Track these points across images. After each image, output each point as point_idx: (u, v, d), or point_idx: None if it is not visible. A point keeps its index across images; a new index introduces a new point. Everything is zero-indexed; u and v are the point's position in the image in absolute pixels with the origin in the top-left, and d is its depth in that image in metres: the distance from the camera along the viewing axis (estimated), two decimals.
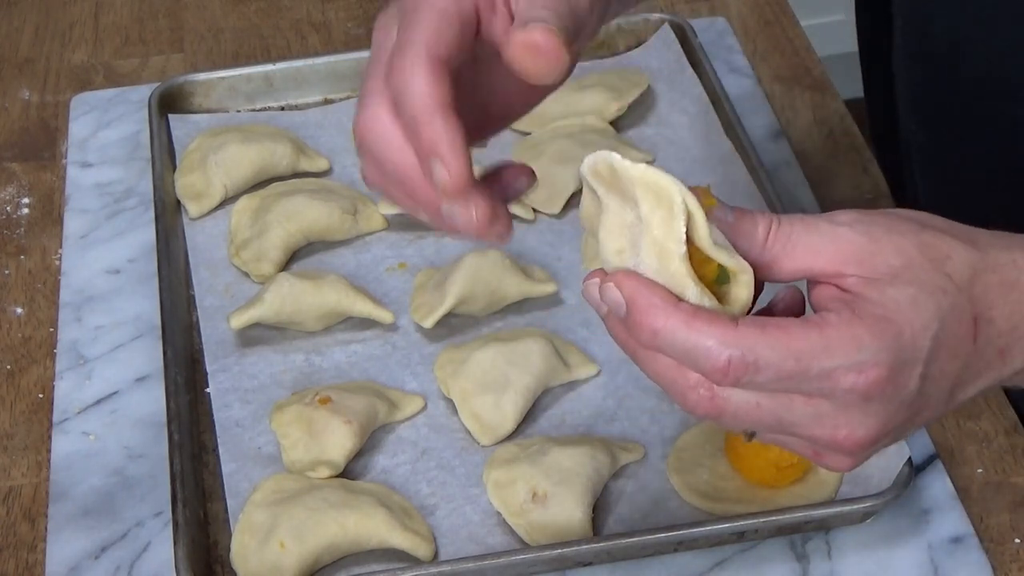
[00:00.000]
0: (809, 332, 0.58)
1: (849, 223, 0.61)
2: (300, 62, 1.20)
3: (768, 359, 0.58)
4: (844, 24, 2.37)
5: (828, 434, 0.61)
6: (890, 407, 0.61)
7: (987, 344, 0.62)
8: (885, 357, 0.59)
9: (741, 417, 0.60)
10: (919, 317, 0.60)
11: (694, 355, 0.58)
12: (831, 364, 0.58)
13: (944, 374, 0.62)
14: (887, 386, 0.60)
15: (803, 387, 0.59)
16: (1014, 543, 0.87)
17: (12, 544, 0.89)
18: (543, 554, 0.83)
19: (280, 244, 1.03)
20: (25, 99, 1.25)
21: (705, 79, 1.15)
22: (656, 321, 0.58)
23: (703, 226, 0.59)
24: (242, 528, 0.85)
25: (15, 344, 1.02)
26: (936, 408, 0.63)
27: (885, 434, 0.62)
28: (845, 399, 0.60)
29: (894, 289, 0.60)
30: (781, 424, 0.61)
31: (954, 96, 0.97)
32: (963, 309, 0.61)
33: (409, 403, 0.94)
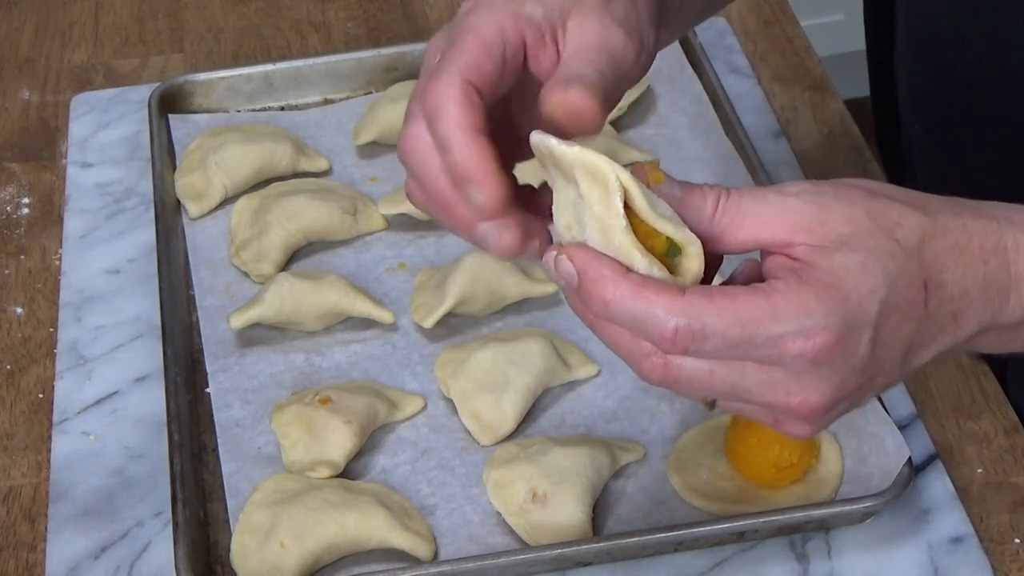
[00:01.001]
0: (756, 299, 0.59)
1: (798, 193, 0.62)
2: (300, 62, 1.20)
3: (714, 326, 0.59)
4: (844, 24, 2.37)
5: (782, 401, 0.61)
6: (842, 372, 0.61)
7: (939, 308, 0.63)
8: (833, 322, 0.60)
9: (695, 385, 0.61)
10: (867, 282, 0.60)
11: (643, 324, 0.59)
12: (778, 330, 0.59)
13: (896, 339, 0.62)
14: (836, 351, 0.60)
15: (752, 354, 0.60)
16: (1014, 543, 0.87)
17: (12, 544, 0.89)
18: (543, 554, 0.83)
19: (280, 244, 1.03)
20: (25, 99, 1.25)
21: (705, 79, 1.15)
22: (606, 291, 0.59)
23: (640, 199, 0.60)
24: (242, 528, 0.85)
25: (15, 344, 1.02)
26: (891, 374, 0.63)
27: (840, 400, 0.62)
28: (795, 365, 0.60)
29: (842, 255, 0.60)
30: (735, 391, 0.61)
31: (956, 95, 0.97)
32: (912, 273, 0.62)
33: (409, 403, 0.94)
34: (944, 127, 1.00)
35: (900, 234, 0.62)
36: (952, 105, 0.98)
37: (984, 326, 0.64)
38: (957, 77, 0.96)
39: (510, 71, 0.67)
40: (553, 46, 0.67)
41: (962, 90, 0.96)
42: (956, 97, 0.97)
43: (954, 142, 1.00)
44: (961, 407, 0.95)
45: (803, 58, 1.25)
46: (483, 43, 0.65)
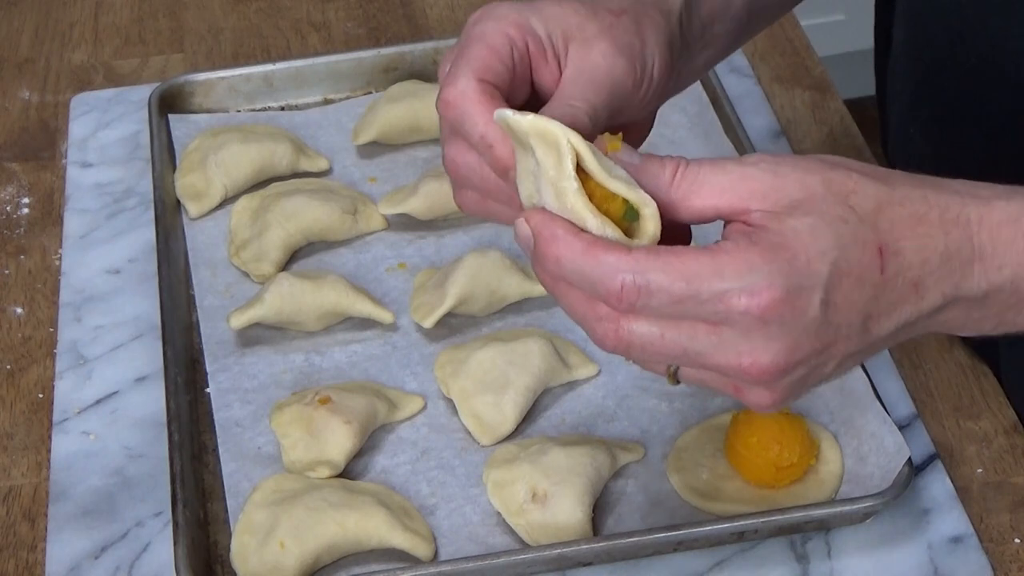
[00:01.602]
0: (702, 257, 0.60)
1: (755, 162, 0.63)
2: (300, 62, 1.20)
3: (660, 282, 0.60)
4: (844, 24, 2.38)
5: (733, 362, 0.62)
6: (793, 333, 0.61)
7: (897, 275, 0.63)
8: (778, 280, 0.60)
9: (648, 349, 0.62)
10: (816, 243, 0.61)
11: (592, 280, 0.60)
12: (722, 286, 0.60)
13: (851, 303, 0.62)
14: (783, 308, 0.60)
15: (699, 311, 0.60)
16: (1014, 543, 0.87)
17: (12, 544, 0.89)
18: (543, 554, 0.83)
19: (280, 244, 1.03)
20: (25, 99, 1.25)
21: (705, 79, 1.15)
22: (558, 249, 0.61)
23: (593, 161, 0.62)
24: (242, 528, 0.85)
25: (15, 344, 1.02)
26: (851, 341, 0.63)
27: (795, 363, 0.62)
28: (743, 323, 0.60)
29: (793, 219, 0.61)
30: (687, 354, 0.62)
31: (950, 97, 0.97)
32: (865, 238, 0.62)
33: (409, 403, 0.94)
34: (938, 129, 1.00)
35: (855, 201, 0.62)
36: (946, 107, 0.98)
37: (948, 298, 0.64)
38: (951, 79, 0.96)
39: (520, 76, 0.69)
40: (555, 64, 0.70)
41: (956, 92, 0.96)
42: (950, 99, 0.97)
43: (948, 144, 1.00)
44: (961, 407, 0.95)
45: (803, 58, 1.25)
46: (491, 47, 0.68)
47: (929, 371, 0.97)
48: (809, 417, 0.90)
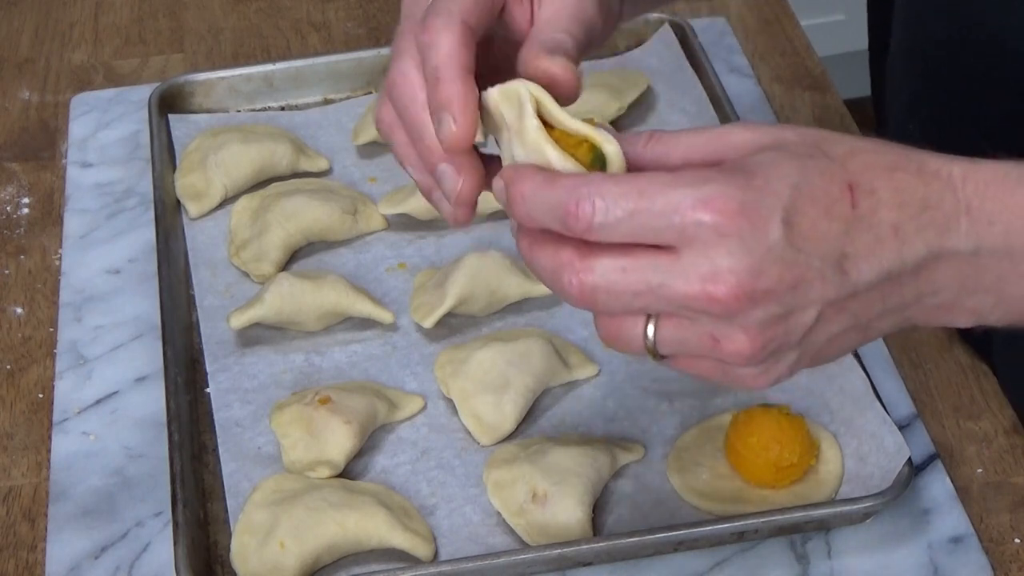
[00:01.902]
0: (656, 175, 0.60)
1: (728, 126, 0.64)
2: (300, 62, 1.20)
3: (613, 195, 0.59)
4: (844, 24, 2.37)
5: (697, 288, 0.59)
6: (755, 252, 0.59)
7: (872, 214, 0.60)
8: (734, 192, 0.59)
9: (613, 290, 0.60)
10: (776, 167, 0.60)
11: (552, 205, 0.61)
12: (674, 195, 0.59)
13: (818, 232, 0.60)
14: (739, 220, 0.58)
15: (655, 226, 0.59)
16: (1014, 543, 0.87)
17: (12, 544, 0.89)
18: (543, 554, 0.83)
19: (280, 244, 1.03)
20: (25, 99, 1.25)
21: (705, 79, 1.15)
22: (523, 186, 0.61)
23: (552, 103, 0.64)
24: (242, 528, 0.85)
25: (15, 344, 1.02)
26: (828, 283, 0.60)
27: (763, 292, 0.59)
28: (700, 237, 0.59)
29: (759, 154, 0.61)
30: (651, 289, 0.60)
31: (947, 95, 0.97)
32: (832, 172, 0.60)
33: (409, 403, 0.94)
34: (937, 128, 1.00)
35: (826, 146, 0.62)
36: (945, 106, 0.98)
37: (932, 249, 0.61)
38: (951, 78, 0.96)
39: (493, 17, 0.69)
40: (528, 4, 0.70)
41: (955, 91, 0.96)
42: (949, 98, 0.97)
43: (946, 142, 1.00)
44: (961, 407, 0.95)
45: (803, 58, 1.25)
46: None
47: (929, 371, 0.97)
48: (809, 417, 0.90)
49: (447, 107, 0.65)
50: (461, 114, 0.65)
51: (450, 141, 0.65)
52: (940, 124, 1.00)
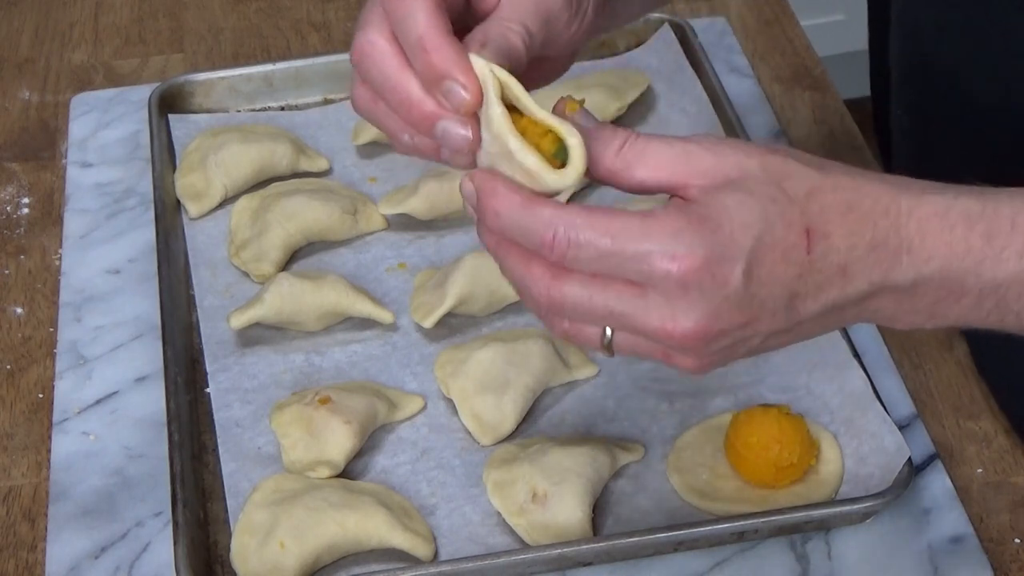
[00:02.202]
0: (632, 219, 0.63)
1: (699, 141, 0.65)
2: (300, 62, 1.20)
3: (588, 236, 0.62)
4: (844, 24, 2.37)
5: (657, 325, 0.64)
6: (714, 301, 0.63)
7: (823, 257, 0.64)
8: (700, 249, 0.62)
9: (578, 310, 0.64)
10: (740, 217, 0.63)
11: (527, 231, 0.63)
12: (647, 247, 0.62)
13: (775, 279, 0.64)
14: (703, 275, 0.62)
15: (624, 270, 0.63)
16: (1014, 543, 0.87)
17: (12, 544, 0.89)
18: (543, 554, 0.83)
19: (280, 244, 1.03)
20: (25, 99, 1.25)
21: (705, 79, 1.15)
22: (497, 203, 0.64)
23: (521, 91, 0.64)
24: (242, 528, 0.85)
25: (15, 344, 1.02)
26: (777, 319, 0.65)
27: (717, 332, 0.64)
28: (665, 287, 0.63)
29: (724, 194, 0.63)
30: (614, 316, 0.64)
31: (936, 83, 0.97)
32: (792, 218, 0.64)
33: (409, 403, 0.94)
34: (923, 114, 1.00)
35: (788, 184, 0.64)
36: (933, 93, 0.98)
37: (875, 285, 0.65)
38: (939, 66, 0.96)
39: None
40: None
41: (943, 79, 0.96)
42: (936, 85, 0.97)
43: (931, 129, 1.00)
44: (961, 407, 0.95)
45: (803, 58, 1.25)
46: None
47: (929, 371, 0.97)
48: (809, 417, 0.90)
49: (448, 75, 0.65)
50: (466, 77, 0.65)
51: (465, 107, 0.65)
52: (925, 110, 1.00)
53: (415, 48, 0.66)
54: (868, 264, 0.65)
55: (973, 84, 0.93)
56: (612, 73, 1.17)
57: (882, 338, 0.97)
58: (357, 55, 0.68)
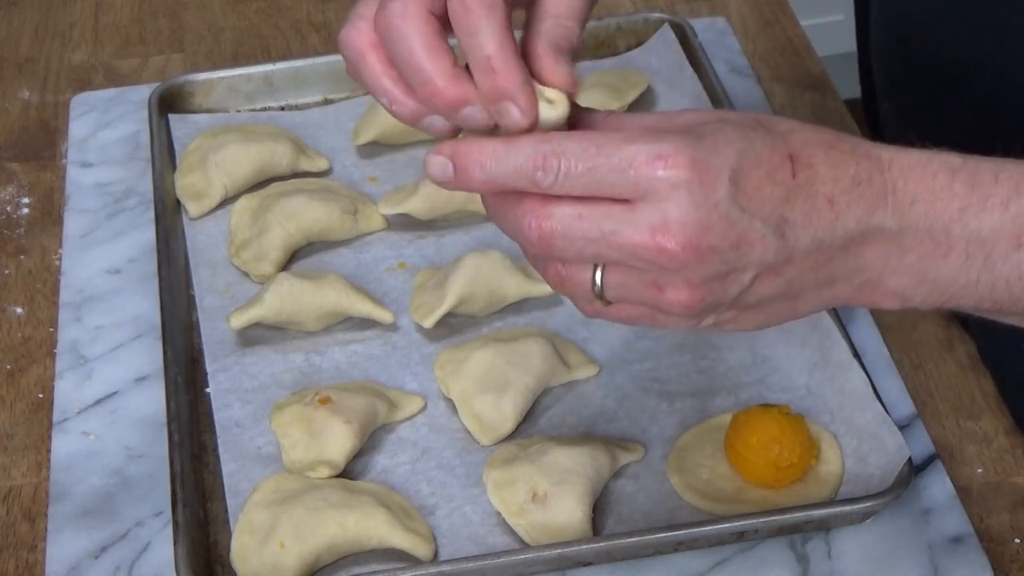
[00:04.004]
0: (613, 133, 0.64)
1: (682, 110, 0.67)
2: (300, 62, 1.20)
3: (572, 150, 0.63)
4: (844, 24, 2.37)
5: (647, 239, 0.63)
6: (703, 207, 0.62)
7: (809, 184, 0.65)
8: (685, 149, 0.62)
9: (568, 234, 0.64)
10: (722, 133, 0.64)
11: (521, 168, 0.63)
12: (630, 151, 0.62)
13: (762, 195, 0.64)
14: (691, 174, 0.62)
15: (612, 181, 0.63)
16: (1014, 543, 0.87)
17: (12, 544, 0.89)
18: (543, 554, 0.83)
19: (280, 244, 1.03)
20: (25, 99, 1.25)
21: (705, 79, 1.15)
22: (480, 155, 0.64)
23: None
24: (242, 528, 0.85)
25: (15, 344, 1.02)
26: (768, 245, 0.64)
27: (708, 248, 0.63)
28: (654, 190, 0.62)
29: (705, 125, 0.65)
30: (604, 235, 0.63)
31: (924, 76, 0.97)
32: (774, 143, 0.65)
33: (409, 403, 0.94)
34: (912, 107, 1.00)
35: (768, 123, 0.66)
36: (920, 86, 0.98)
37: (862, 224, 0.65)
38: (927, 58, 0.96)
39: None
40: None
41: (931, 71, 0.96)
42: (924, 78, 0.97)
43: (920, 122, 1.00)
44: (961, 407, 0.95)
45: (803, 58, 1.25)
46: None
47: (929, 371, 0.97)
48: (809, 417, 0.90)
49: (510, 97, 0.65)
50: (527, 102, 0.65)
51: (516, 127, 0.65)
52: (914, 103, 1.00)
53: (481, 65, 0.65)
54: (853, 198, 0.65)
55: (959, 74, 0.93)
56: (612, 73, 1.17)
57: (882, 338, 0.97)
58: (385, 21, 0.66)
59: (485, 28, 0.64)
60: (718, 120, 0.66)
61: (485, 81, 0.65)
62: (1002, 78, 0.90)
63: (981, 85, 0.92)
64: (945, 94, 0.96)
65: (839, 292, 0.68)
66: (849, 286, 0.68)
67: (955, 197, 0.66)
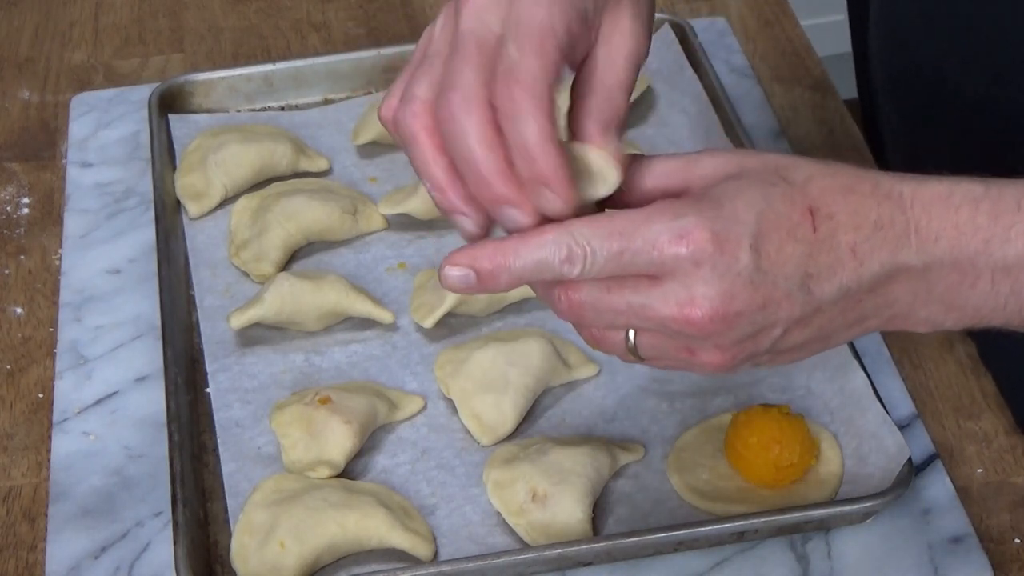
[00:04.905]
0: (633, 214, 0.64)
1: (702, 150, 0.67)
2: (300, 62, 1.20)
3: (596, 238, 0.64)
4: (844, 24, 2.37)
5: (675, 312, 0.64)
6: (727, 277, 0.63)
7: (831, 236, 0.65)
8: (705, 223, 0.63)
9: (598, 307, 0.65)
10: (742, 196, 0.64)
11: (543, 263, 0.64)
12: (652, 232, 0.63)
13: (785, 256, 0.64)
14: (712, 249, 0.63)
15: (637, 262, 0.64)
16: (1014, 543, 0.87)
17: (12, 544, 0.89)
18: (543, 554, 0.83)
19: (280, 244, 1.03)
20: (25, 99, 1.25)
21: (705, 79, 1.15)
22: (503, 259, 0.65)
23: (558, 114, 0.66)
24: (242, 528, 0.85)
25: (15, 344, 1.02)
26: (794, 302, 0.65)
27: (735, 313, 0.64)
28: (679, 268, 0.63)
29: (723, 183, 0.65)
30: (632, 309, 0.65)
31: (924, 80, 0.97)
32: (793, 197, 0.65)
33: (409, 403, 0.94)
34: (912, 108, 1.00)
35: (786, 172, 0.66)
36: (921, 91, 0.98)
37: (886, 266, 0.66)
38: (926, 62, 0.96)
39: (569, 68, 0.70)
40: (591, 34, 0.69)
41: (931, 75, 0.96)
42: (924, 80, 0.97)
43: (922, 127, 1.00)
44: (961, 407, 0.95)
45: (803, 58, 1.25)
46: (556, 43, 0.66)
47: (929, 371, 0.97)
48: (809, 417, 0.90)
49: (548, 184, 0.65)
50: (565, 190, 0.65)
51: (554, 213, 0.65)
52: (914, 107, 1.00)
53: (523, 152, 0.64)
54: (876, 243, 0.65)
55: (959, 77, 0.93)
56: None
57: (882, 338, 0.97)
58: (446, 111, 0.65)
59: (528, 116, 0.64)
60: (737, 173, 0.65)
61: (525, 166, 0.65)
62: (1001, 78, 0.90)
63: (980, 86, 0.92)
64: (945, 96, 0.96)
65: (869, 326, 0.69)
66: (879, 320, 0.69)
67: (979, 229, 0.66)
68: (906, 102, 1.02)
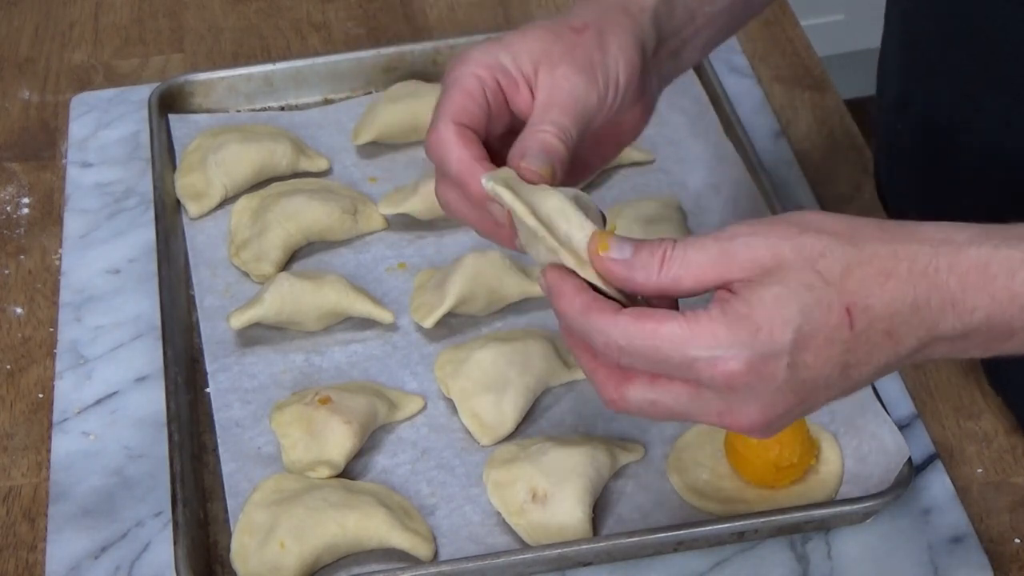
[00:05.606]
0: (676, 324, 0.65)
1: (732, 236, 0.67)
2: (300, 62, 1.20)
3: (638, 346, 0.66)
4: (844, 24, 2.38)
5: (716, 420, 0.67)
6: (764, 395, 0.66)
7: (868, 328, 0.66)
8: (740, 352, 0.64)
9: (645, 410, 0.68)
10: (780, 313, 0.65)
11: (586, 334, 0.67)
12: (691, 354, 0.65)
13: (822, 361, 0.66)
14: (747, 378, 0.65)
15: (675, 373, 0.66)
16: (1014, 543, 0.87)
17: (12, 544, 0.89)
18: (543, 554, 0.83)
19: (280, 244, 1.03)
20: (25, 99, 1.25)
21: (705, 79, 1.15)
22: (562, 305, 0.68)
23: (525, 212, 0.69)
24: (242, 528, 0.85)
25: (15, 344, 1.02)
26: (832, 387, 0.67)
27: (776, 417, 0.67)
28: (716, 386, 0.65)
29: (763, 288, 0.65)
30: (675, 413, 0.68)
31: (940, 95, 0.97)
32: (831, 301, 0.65)
33: (409, 403, 0.94)
34: (928, 125, 1.00)
35: (822, 265, 0.66)
36: (936, 104, 0.98)
37: (923, 341, 0.67)
38: (942, 76, 0.96)
39: (497, 109, 0.76)
40: (527, 90, 0.76)
41: (946, 90, 0.96)
42: (940, 96, 0.97)
43: (938, 142, 1.00)
44: (961, 407, 0.95)
45: (803, 58, 1.25)
46: (463, 90, 0.75)
47: (929, 371, 0.97)
48: (809, 417, 0.90)
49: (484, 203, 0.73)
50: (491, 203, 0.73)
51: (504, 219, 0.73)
52: (929, 121, 1.00)
53: (458, 184, 0.74)
54: (913, 325, 0.66)
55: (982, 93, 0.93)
56: None
57: None
58: (442, 203, 0.77)
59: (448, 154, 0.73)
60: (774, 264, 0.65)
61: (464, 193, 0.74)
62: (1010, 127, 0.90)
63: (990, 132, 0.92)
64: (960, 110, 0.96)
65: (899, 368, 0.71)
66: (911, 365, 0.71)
67: (1015, 298, 0.67)
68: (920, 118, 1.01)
